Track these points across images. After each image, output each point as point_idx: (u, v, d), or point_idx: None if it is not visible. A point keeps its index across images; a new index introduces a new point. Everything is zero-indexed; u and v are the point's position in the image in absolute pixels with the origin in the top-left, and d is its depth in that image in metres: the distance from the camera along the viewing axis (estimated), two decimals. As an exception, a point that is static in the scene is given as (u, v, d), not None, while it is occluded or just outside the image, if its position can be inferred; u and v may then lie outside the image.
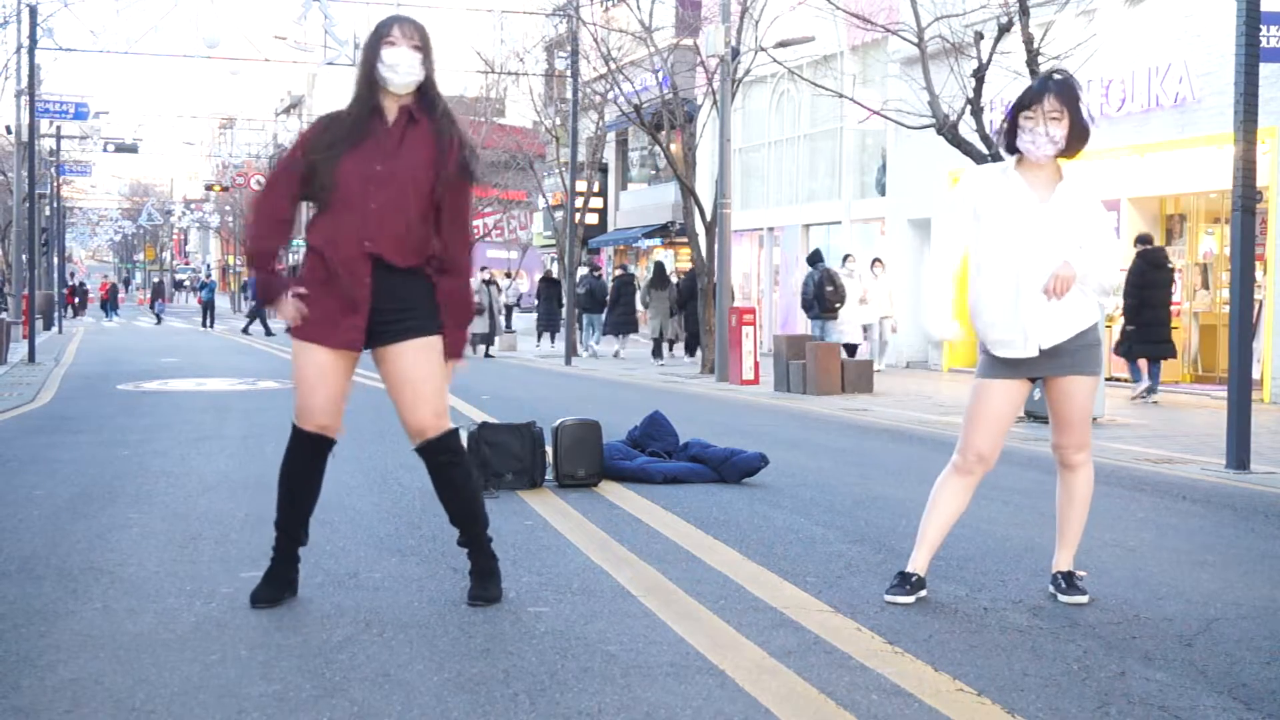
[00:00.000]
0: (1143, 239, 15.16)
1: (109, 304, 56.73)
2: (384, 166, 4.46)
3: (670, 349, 24.88)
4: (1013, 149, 4.79)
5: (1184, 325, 17.47)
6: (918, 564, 4.83)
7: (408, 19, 4.58)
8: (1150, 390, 14.80)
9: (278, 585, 4.64)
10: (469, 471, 4.75)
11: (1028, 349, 4.70)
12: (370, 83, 4.52)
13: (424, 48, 4.52)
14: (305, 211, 4.76)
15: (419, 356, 4.55)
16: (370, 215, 4.43)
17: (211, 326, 42.56)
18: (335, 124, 4.56)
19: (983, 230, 4.76)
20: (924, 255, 5.24)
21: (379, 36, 4.51)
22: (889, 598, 4.76)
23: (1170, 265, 15.29)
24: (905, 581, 4.79)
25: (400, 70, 4.47)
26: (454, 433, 4.68)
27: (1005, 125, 4.82)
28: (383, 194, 4.44)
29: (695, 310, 22.07)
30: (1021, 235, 4.67)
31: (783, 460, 8.76)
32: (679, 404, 13.94)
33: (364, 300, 4.46)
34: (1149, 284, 14.63)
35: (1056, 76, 4.80)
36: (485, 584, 4.70)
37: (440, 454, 4.66)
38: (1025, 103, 4.71)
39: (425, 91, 4.57)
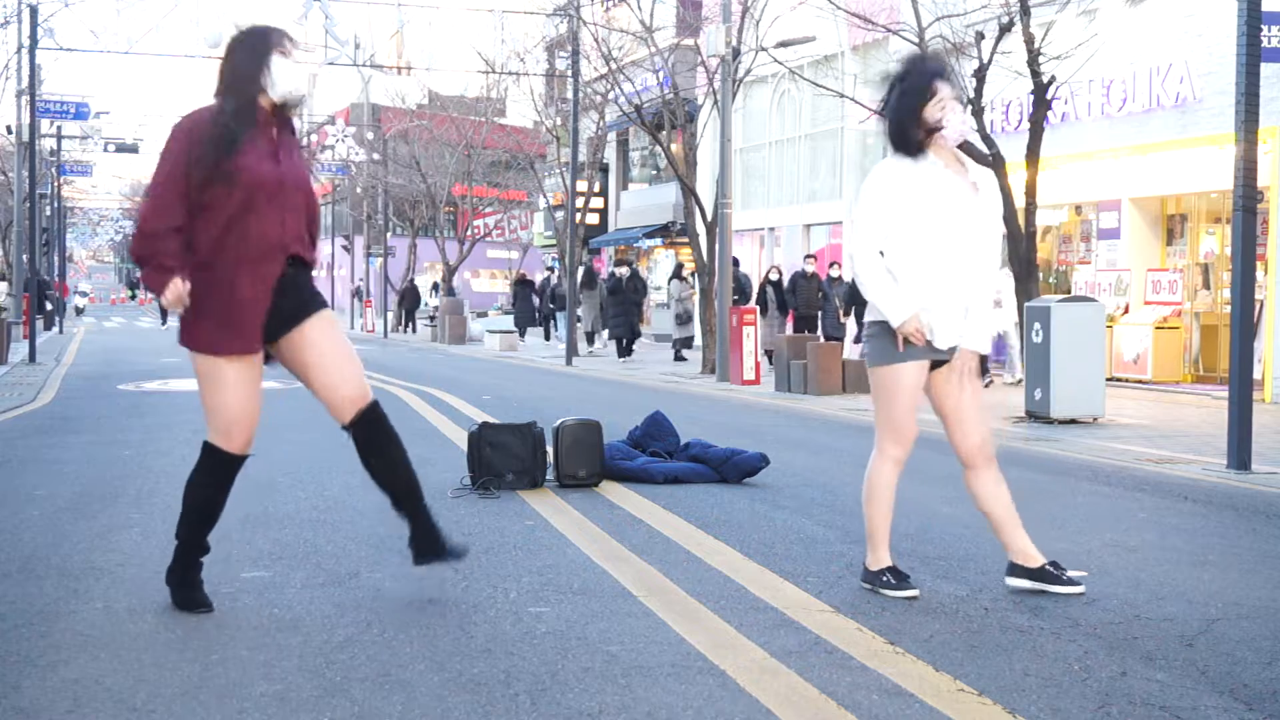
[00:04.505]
0: None
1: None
2: (278, 167, 4.44)
3: (591, 342, 27.31)
4: (917, 148, 4.77)
5: (1185, 325, 17.48)
6: (886, 558, 4.89)
7: (291, 34, 4.57)
8: None
9: (198, 586, 4.57)
10: (401, 446, 4.69)
11: (955, 337, 4.76)
12: (254, 86, 4.44)
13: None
14: None
15: (323, 331, 4.55)
16: (282, 216, 4.42)
17: (165, 323, 43.73)
18: (217, 124, 4.40)
19: (918, 223, 4.73)
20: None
21: (274, 45, 4.46)
22: (900, 594, 4.78)
23: None
24: (901, 575, 4.83)
25: (300, 81, 4.47)
26: (377, 403, 4.64)
27: (904, 127, 4.80)
28: (286, 195, 4.44)
29: (625, 307, 23.97)
30: (962, 224, 4.74)
31: (784, 460, 8.76)
32: (680, 404, 13.94)
33: (265, 300, 4.42)
34: None
35: (930, 63, 4.89)
36: (435, 542, 4.66)
37: (370, 427, 4.59)
38: (929, 95, 4.73)
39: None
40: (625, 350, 24.26)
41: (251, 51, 4.48)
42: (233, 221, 4.38)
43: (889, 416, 4.86)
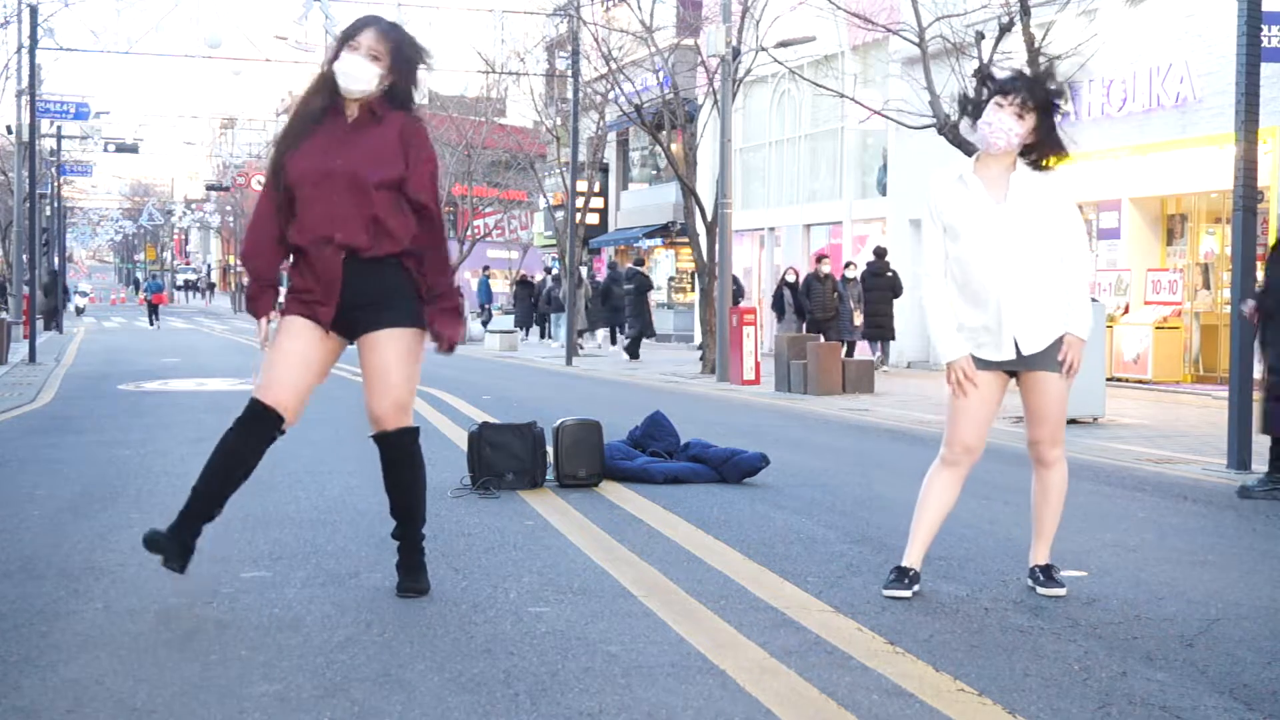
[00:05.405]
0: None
1: None
2: (343, 160, 4.52)
3: (581, 338, 28.60)
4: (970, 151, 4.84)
5: (1185, 325, 17.47)
6: (912, 559, 4.88)
7: (382, 26, 4.61)
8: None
9: (177, 543, 4.58)
10: (419, 474, 4.76)
11: (1004, 351, 4.76)
12: (331, 79, 4.59)
13: (387, 59, 4.55)
14: None
15: (389, 347, 4.58)
16: (335, 207, 4.49)
17: (157, 321, 45.44)
18: (296, 120, 4.66)
19: (951, 239, 4.78)
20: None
21: (345, 37, 4.58)
22: (887, 592, 4.79)
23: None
24: (903, 576, 4.83)
25: (350, 77, 4.53)
26: (412, 432, 4.70)
27: (975, 116, 4.83)
28: (343, 186, 4.50)
29: (617, 304, 25.82)
30: (986, 240, 4.72)
31: (784, 460, 8.76)
32: (680, 404, 13.94)
33: (335, 290, 4.53)
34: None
35: (1027, 79, 4.83)
36: (415, 576, 4.76)
37: (393, 449, 4.68)
38: (1002, 89, 4.73)
39: (392, 96, 4.60)
40: (635, 351, 24.25)
41: (334, 47, 4.62)
42: (293, 212, 4.56)
43: (949, 418, 4.91)
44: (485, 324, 33.37)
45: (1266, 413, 7.64)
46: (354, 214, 4.50)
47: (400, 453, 4.69)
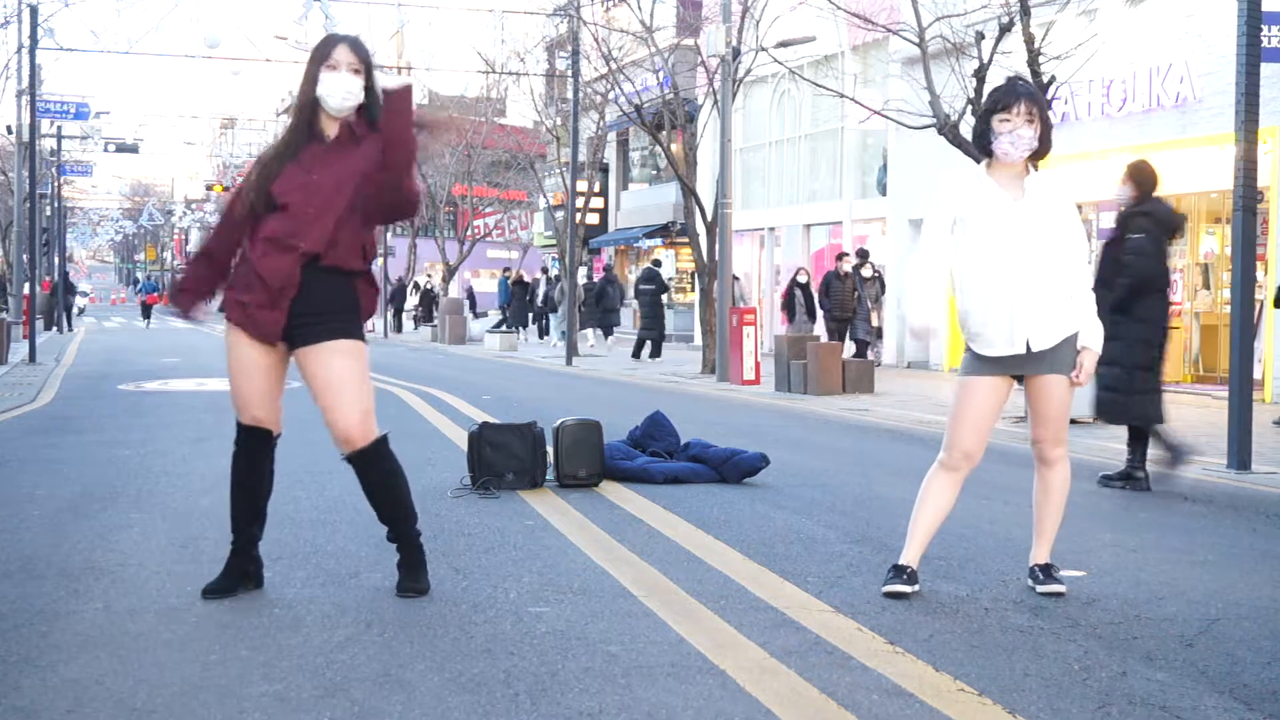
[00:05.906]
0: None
1: None
2: (319, 175, 4.53)
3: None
4: (988, 152, 4.87)
5: (1185, 325, 17.47)
6: (909, 558, 4.92)
7: (350, 40, 4.65)
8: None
9: (231, 577, 4.77)
10: (401, 479, 4.79)
11: (1015, 346, 4.79)
12: (310, 103, 4.59)
13: (365, 70, 4.58)
14: None
15: (337, 357, 4.58)
16: (308, 218, 4.50)
17: (150, 322, 46.19)
18: (270, 157, 4.63)
19: (965, 236, 4.83)
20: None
21: (320, 59, 4.58)
22: (886, 588, 4.81)
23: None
24: (900, 574, 4.86)
25: (338, 95, 4.54)
26: (383, 440, 4.72)
27: (978, 130, 4.93)
28: (319, 198, 4.51)
29: (610, 306, 27.28)
30: (1002, 236, 4.78)
31: (784, 460, 8.76)
32: (680, 404, 13.93)
33: (288, 297, 4.52)
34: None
35: (1023, 84, 4.94)
36: (415, 575, 4.79)
37: (373, 461, 4.71)
38: (999, 106, 4.79)
39: (370, 110, 4.62)
40: (637, 352, 24.24)
41: (307, 70, 4.61)
42: (259, 224, 4.57)
43: (950, 422, 4.96)
44: (510, 325, 33.36)
45: (1108, 403, 7.99)
46: (323, 223, 4.51)
47: (382, 462, 4.72)
